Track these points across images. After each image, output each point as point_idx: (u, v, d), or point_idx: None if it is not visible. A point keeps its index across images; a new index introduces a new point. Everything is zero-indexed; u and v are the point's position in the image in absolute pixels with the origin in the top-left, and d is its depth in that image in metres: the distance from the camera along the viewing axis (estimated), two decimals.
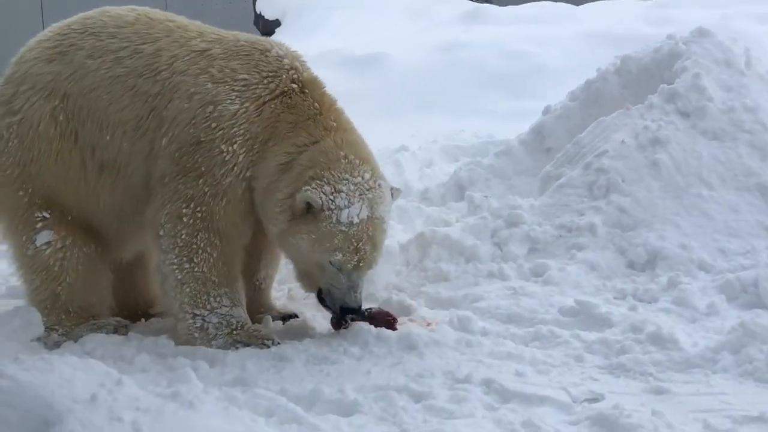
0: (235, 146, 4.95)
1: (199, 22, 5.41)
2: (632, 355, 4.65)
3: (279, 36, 15.57)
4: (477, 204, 6.44)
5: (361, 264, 4.92)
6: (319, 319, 5.40)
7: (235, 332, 4.98)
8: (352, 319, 5.03)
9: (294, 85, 5.08)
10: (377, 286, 5.78)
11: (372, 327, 4.99)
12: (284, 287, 5.90)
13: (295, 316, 5.46)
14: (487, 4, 15.32)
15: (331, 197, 4.81)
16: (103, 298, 5.38)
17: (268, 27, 16.44)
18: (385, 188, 5.00)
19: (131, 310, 5.62)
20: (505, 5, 15.10)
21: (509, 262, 5.85)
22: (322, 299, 5.06)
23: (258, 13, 16.97)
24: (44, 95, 5.21)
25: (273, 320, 5.38)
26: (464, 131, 9.94)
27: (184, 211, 4.94)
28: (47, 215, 5.24)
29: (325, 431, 3.89)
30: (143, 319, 5.61)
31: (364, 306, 5.09)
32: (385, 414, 4.07)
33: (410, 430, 3.91)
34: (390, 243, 5.94)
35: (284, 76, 5.09)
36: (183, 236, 4.95)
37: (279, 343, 4.96)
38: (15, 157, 5.24)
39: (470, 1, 16.13)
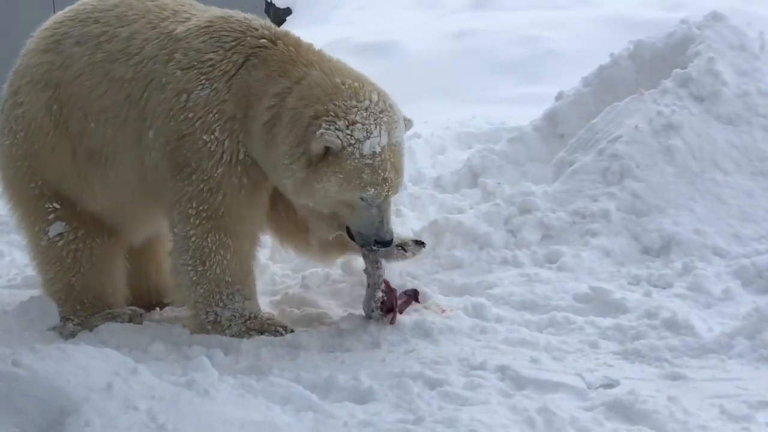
0: (216, 134, 4.82)
1: (184, 0, 5.30)
2: (647, 341, 4.65)
3: (290, 24, 15.57)
4: (490, 191, 6.42)
5: (389, 192, 4.73)
6: (334, 307, 5.41)
7: (248, 322, 4.98)
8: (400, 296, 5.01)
9: (263, 41, 4.88)
10: (391, 274, 5.76)
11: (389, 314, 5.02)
12: (298, 275, 5.89)
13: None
14: None
15: (348, 132, 4.54)
16: (117, 287, 5.39)
17: (279, 15, 16.40)
18: (396, 109, 4.75)
19: (145, 299, 5.65)
20: None
21: (523, 248, 5.83)
22: (351, 236, 4.88)
23: (269, 1, 16.94)
24: (40, 87, 5.21)
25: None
26: (476, 118, 9.91)
27: (189, 211, 4.88)
28: (58, 206, 5.26)
29: (340, 418, 3.90)
30: (158, 308, 5.64)
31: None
32: (401, 401, 4.08)
33: (425, 417, 3.91)
34: (403, 231, 5.93)
35: (249, 38, 4.90)
36: (194, 239, 4.90)
37: (293, 331, 4.97)
38: (23, 150, 5.27)
39: None
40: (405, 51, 12.19)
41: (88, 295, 5.29)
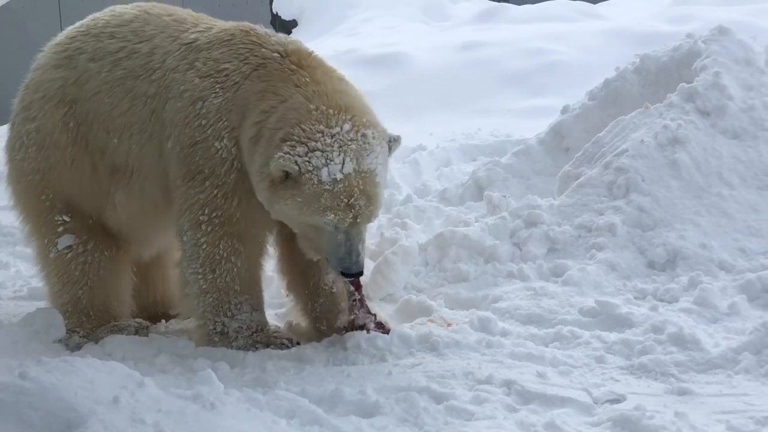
0: (225, 141, 4.82)
1: (201, 15, 5.31)
2: (653, 356, 4.64)
3: (296, 36, 15.59)
4: (496, 204, 6.43)
5: (358, 220, 4.62)
6: None
7: (254, 334, 4.97)
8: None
9: (275, 54, 4.88)
10: (396, 287, 5.78)
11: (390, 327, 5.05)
12: None
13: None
14: (505, 3, 15.28)
15: (307, 158, 4.51)
16: (123, 300, 5.39)
17: (285, 27, 16.46)
18: (371, 137, 4.63)
19: (151, 311, 5.65)
20: (522, 4, 15.07)
21: (529, 262, 5.83)
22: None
23: (275, 13, 17.00)
24: (54, 102, 5.22)
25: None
26: (481, 130, 9.92)
27: (201, 218, 4.87)
28: (68, 219, 5.27)
29: None
30: (163, 321, 5.64)
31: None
32: (407, 415, 4.07)
33: None
34: (409, 243, 5.94)
35: (264, 50, 4.90)
36: (204, 246, 4.88)
37: (299, 344, 4.96)
38: (35, 164, 5.27)
39: (487, 0, 16.10)
40: (411, 63, 12.22)
41: (94, 308, 5.29)
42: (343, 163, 4.54)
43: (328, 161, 4.52)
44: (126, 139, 5.09)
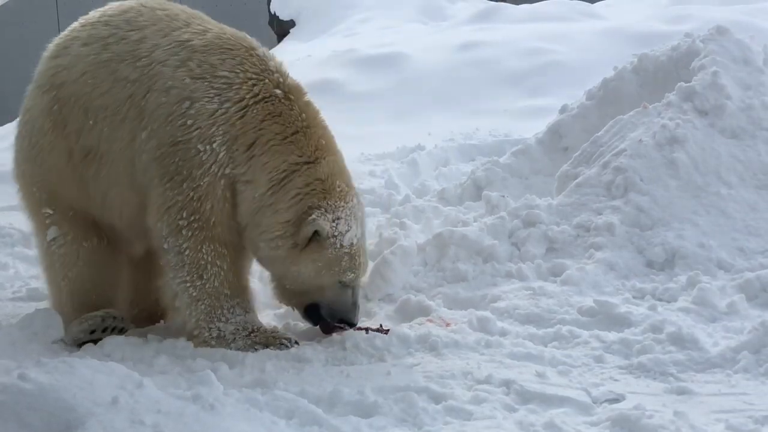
0: (214, 145, 4.88)
1: (195, 12, 5.35)
2: (652, 355, 4.64)
3: (294, 35, 15.63)
4: (494, 204, 6.42)
5: (361, 275, 5.13)
6: None
7: (252, 335, 4.97)
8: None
9: (278, 91, 5.00)
10: (395, 287, 5.77)
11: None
12: None
13: None
14: (503, 3, 15.27)
15: (334, 224, 4.91)
16: (106, 294, 5.35)
17: (282, 27, 16.45)
18: (362, 203, 5.23)
19: (151, 311, 5.62)
20: (520, 3, 15.06)
21: (527, 262, 5.83)
22: (310, 315, 5.12)
23: (273, 13, 16.98)
24: (45, 89, 5.27)
25: None
26: (480, 130, 9.92)
27: (180, 222, 4.90)
28: (51, 211, 5.33)
29: None
30: (162, 321, 5.62)
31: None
32: (406, 415, 4.08)
33: None
34: (408, 243, 5.94)
35: (267, 80, 5.01)
36: (188, 252, 4.91)
37: (298, 344, 4.97)
38: (27, 155, 5.35)
39: (485, 0, 16.09)
40: (409, 63, 12.20)
41: (73, 301, 5.28)
42: (357, 229, 5.02)
43: (349, 228, 4.96)
44: (100, 120, 5.11)
